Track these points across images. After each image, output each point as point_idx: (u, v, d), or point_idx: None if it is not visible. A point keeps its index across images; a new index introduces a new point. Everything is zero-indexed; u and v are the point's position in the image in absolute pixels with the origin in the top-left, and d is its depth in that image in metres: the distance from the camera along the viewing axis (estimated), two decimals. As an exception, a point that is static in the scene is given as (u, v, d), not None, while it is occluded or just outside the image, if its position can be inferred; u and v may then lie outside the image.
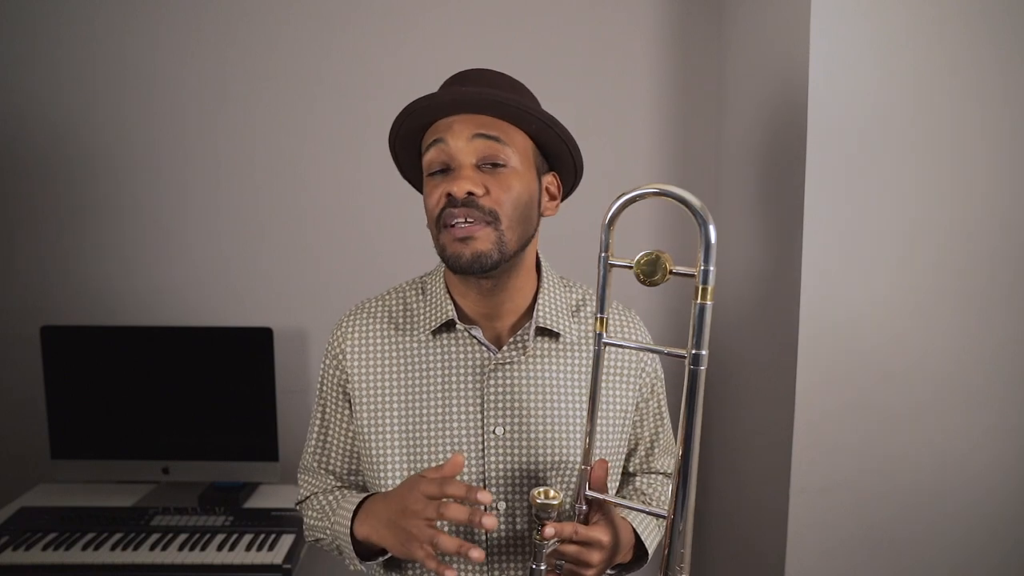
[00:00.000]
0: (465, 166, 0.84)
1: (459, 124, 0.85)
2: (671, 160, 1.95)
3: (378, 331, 0.95)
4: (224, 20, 1.87)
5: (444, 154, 0.85)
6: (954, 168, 1.34)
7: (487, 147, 0.84)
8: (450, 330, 0.92)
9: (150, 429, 1.83)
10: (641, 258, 0.71)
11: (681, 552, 0.72)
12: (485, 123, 0.85)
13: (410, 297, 0.97)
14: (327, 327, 1.97)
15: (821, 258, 1.35)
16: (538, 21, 1.89)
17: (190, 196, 1.93)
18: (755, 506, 1.62)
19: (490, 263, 0.84)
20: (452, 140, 0.85)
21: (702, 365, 0.68)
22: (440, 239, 0.86)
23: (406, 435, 0.91)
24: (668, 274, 0.69)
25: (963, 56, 1.31)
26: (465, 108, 0.85)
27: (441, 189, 0.84)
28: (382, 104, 1.98)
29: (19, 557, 1.51)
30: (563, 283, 0.99)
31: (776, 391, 1.47)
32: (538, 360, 0.92)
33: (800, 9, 1.35)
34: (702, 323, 0.67)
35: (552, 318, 0.93)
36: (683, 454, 0.70)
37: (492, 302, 0.92)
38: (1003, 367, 1.38)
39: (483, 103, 0.84)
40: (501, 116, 0.86)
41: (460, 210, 0.82)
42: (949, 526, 1.41)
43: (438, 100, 0.85)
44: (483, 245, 0.83)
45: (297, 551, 1.59)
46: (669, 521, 0.73)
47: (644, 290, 1.96)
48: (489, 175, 0.84)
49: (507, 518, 0.90)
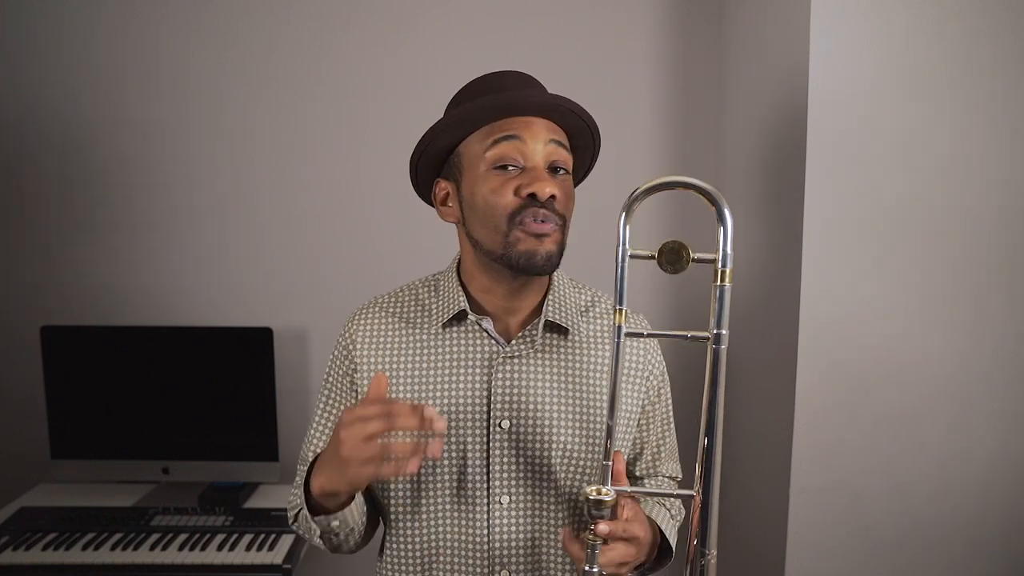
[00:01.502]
0: (541, 167, 0.87)
1: (539, 126, 0.87)
2: (671, 160, 1.95)
3: (390, 325, 0.96)
4: (224, 20, 1.87)
5: (519, 152, 0.86)
6: (954, 167, 1.34)
7: (558, 153, 0.88)
8: (461, 322, 0.93)
9: (150, 429, 1.83)
10: (664, 247, 0.74)
11: (710, 530, 0.75)
12: (556, 130, 0.89)
13: (422, 294, 0.99)
14: (327, 327, 1.97)
15: (821, 258, 1.35)
16: (538, 21, 1.89)
17: (190, 196, 1.93)
18: (755, 506, 1.62)
19: (553, 265, 0.87)
20: (531, 141, 0.86)
21: (723, 344, 0.73)
22: (511, 235, 0.85)
23: None
24: (690, 261, 0.73)
25: (963, 56, 1.31)
26: (545, 112, 0.87)
27: (515, 185, 0.85)
28: (382, 104, 2.00)
29: (19, 557, 1.51)
30: (572, 283, 1.01)
31: (776, 391, 1.47)
32: (546, 355, 0.92)
33: (800, 9, 1.35)
34: (722, 305, 0.73)
35: (561, 314, 0.94)
36: (708, 431, 0.74)
37: (516, 298, 0.93)
38: (1003, 366, 1.38)
39: (561, 111, 0.87)
40: (567, 126, 0.90)
41: (544, 211, 0.85)
42: (949, 526, 1.41)
43: (521, 97, 0.86)
44: (553, 246, 0.86)
45: (297, 551, 1.59)
46: (698, 499, 0.75)
47: (638, 291, 1.96)
48: (557, 181, 0.87)
49: (510, 512, 0.90)
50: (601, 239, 1.93)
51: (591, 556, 0.77)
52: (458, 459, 0.90)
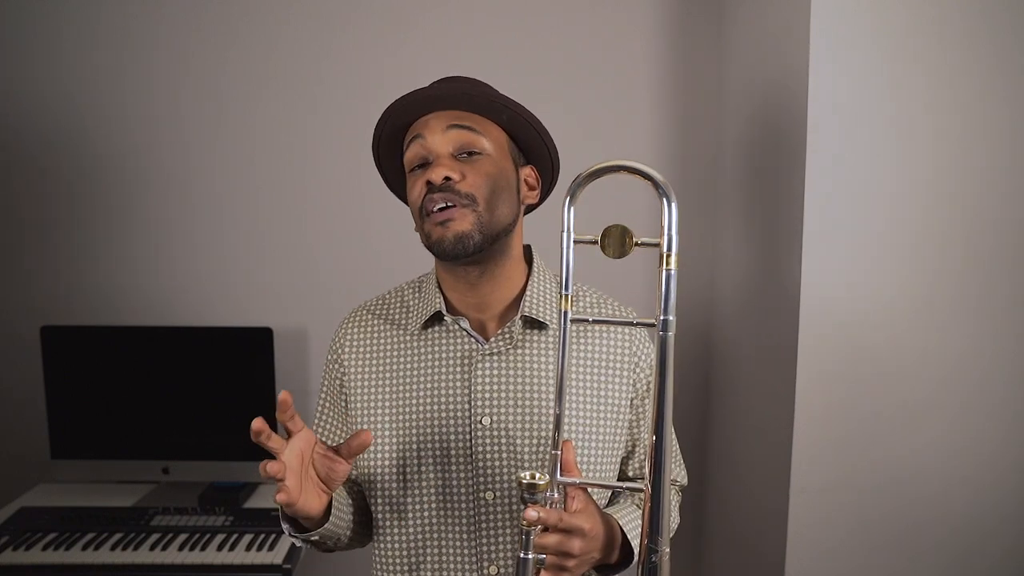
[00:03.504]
0: (442, 155, 0.88)
1: (434, 119, 0.89)
2: (671, 160, 1.95)
3: (375, 328, 0.97)
4: (224, 20, 1.87)
5: (423, 148, 0.89)
6: (954, 167, 1.34)
7: (461, 136, 0.88)
8: (439, 323, 0.94)
9: (150, 429, 1.83)
10: (607, 231, 0.73)
11: (661, 526, 0.71)
12: (459, 115, 0.89)
13: (407, 295, 1.00)
14: (327, 327, 1.96)
15: (821, 258, 1.35)
16: (538, 21, 1.89)
17: (190, 196, 1.93)
18: (755, 506, 1.62)
19: (473, 244, 0.86)
20: (429, 135, 0.89)
21: (671, 331, 0.71)
22: (424, 227, 0.89)
23: (395, 427, 0.92)
24: (634, 245, 0.72)
25: (963, 55, 1.31)
26: (439, 104, 0.89)
27: (422, 180, 0.88)
28: (382, 104, 1.98)
29: (19, 557, 1.51)
30: (556, 279, 0.99)
31: (776, 390, 1.47)
32: (525, 351, 0.92)
33: (800, 9, 1.35)
34: (668, 289, 0.71)
35: (540, 308, 0.93)
36: (657, 422, 0.71)
37: (479, 292, 0.93)
38: (1003, 366, 1.38)
39: (454, 97, 0.89)
40: (473, 109, 0.90)
41: (439, 195, 0.86)
42: (949, 526, 1.41)
43: (412, 97, 0.90)
44: (463, 226, 0.86)
45: (297, 551, 1.59)
46: (647, 493, 0.72)
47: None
48: (466, 163, 0.88)
49: (495, 508, 0.90)
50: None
51: (526, 542, 0.73)
52: (442, 458, 0.91)
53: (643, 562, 0.72)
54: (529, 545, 0.74)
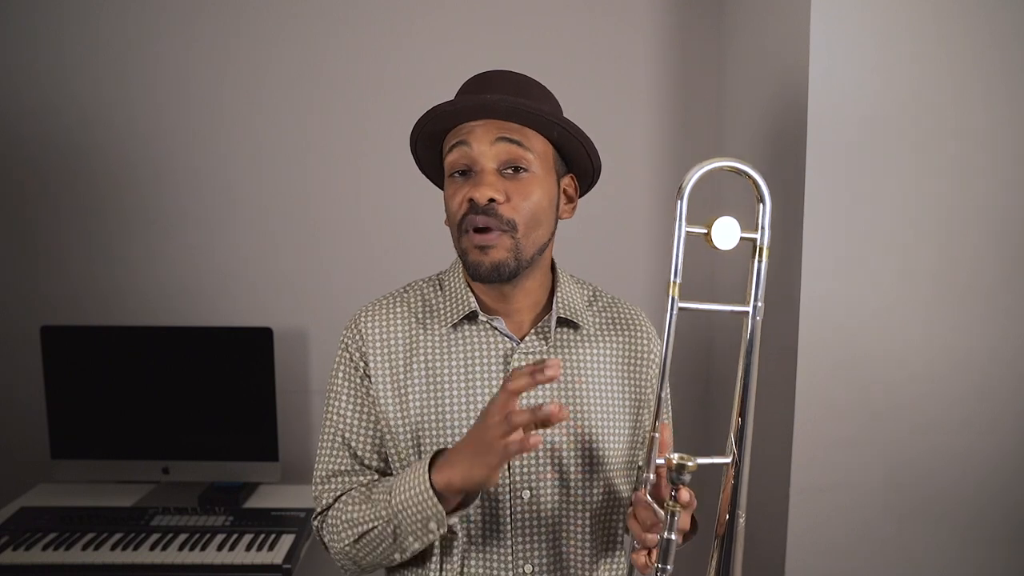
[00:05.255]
0: (487, 171, 0.86)
1: (482, 128, 0.87)
2: (671, 160, 1.95)
3: (398, 323, 0.96)
4: (224, 21, 1.87)
5: (466, 157, 0.87)
6: (954, 167, 1.34)
7: (509, 151, 0.86)
8: (472, 322, 0.94)
9: (150, 429, 1.83)
10: (713, 223, 0.80)
11: (740, 498, 0.80)
12: (507, 127, 0.87)
13: (428, 293, 0.99)
14: (327, 327, 1.97)
15: (821, 258, 1.35)
16: (538, 21, 1.89)
17: (190, 196, 1.93)
18: (755, 506, 1.61)
19: (508, 272, 0.86)
20: (475, 144, 0.86)
21: (760, 316, 0.81)
22: (461, 243, 0.88)
23: (431, 423, 0.91)
24: (739, 238, 0.80)
25: (963, 55, 1.31)
26: (488, 114, 0.87)
27: (463, 193, 0.86)
28: (383, 104, 2.00)
29: (19, 557, 1.51)
30: (574, 279, 1.02)
31: (776, 391, 1.47)
32: (560, 349, 0.94)
33: (800, 9, 1.35)
34: (759, 279, 0.81)
35: (571, 310, 0.96)
36: (742, 400, 0.81)
37: (509, 298, 0.94)
38: (1005, 366, 1.38)
39: (506, 110, 0.85)
40: (523, 122, 0.87)
41: (480, 217, 0.85)
42: (949, 526, 1.41)
43: (462, 106, 0.86)
44: (500, 254, 0.86)
45: (297, 551, 1.59)
46: (733, 464, 0.81)
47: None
48: (510, 180, 0.87)
49: (531, 506, 0.90)
50: (600, 238, 1.93)
51: (671, 523, 0.75)
52: None
53: (724, 529, 0.83)
54: (673, 526, 0.76)
